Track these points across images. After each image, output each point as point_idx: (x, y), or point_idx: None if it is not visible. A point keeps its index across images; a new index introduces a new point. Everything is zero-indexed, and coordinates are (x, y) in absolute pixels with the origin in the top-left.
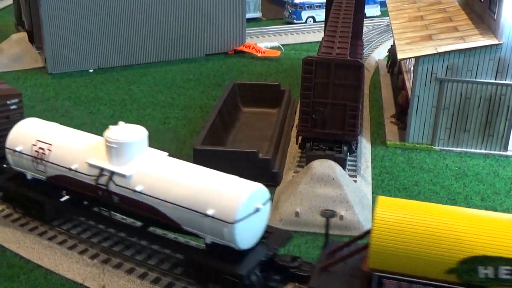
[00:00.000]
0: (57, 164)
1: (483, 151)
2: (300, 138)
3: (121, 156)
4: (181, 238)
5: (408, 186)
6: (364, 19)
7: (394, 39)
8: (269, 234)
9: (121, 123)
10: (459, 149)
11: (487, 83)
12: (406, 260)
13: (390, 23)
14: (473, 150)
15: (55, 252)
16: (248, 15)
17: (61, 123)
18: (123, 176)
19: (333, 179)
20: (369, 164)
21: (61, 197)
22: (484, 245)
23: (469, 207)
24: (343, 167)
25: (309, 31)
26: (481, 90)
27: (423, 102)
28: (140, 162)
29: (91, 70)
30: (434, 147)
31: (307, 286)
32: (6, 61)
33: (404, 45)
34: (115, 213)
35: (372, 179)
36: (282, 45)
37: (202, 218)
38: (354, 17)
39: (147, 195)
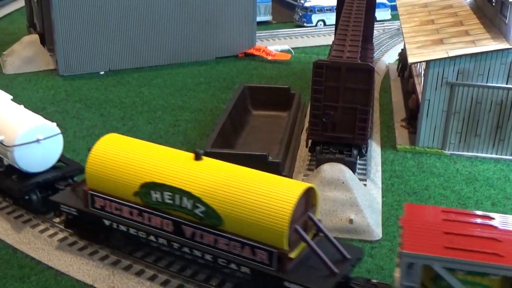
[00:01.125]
0: None
1: (494, 155)
2: (310, 141)
3: None
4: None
5: (418, 190)
6: (375, 23)
7: (404, 42)
8: (66, 165)
9: None
10: (469, 153)
11: (498, 88)
12: (109, 183)
13: (401, 27)
14: (483, 155)
15: (65, 253)
16: (259, 18)
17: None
18: None
19: (343, 182)
20: (379, 168)
21: None
22: (154, 173)
23: None
24: (353, 170)
25: (319, 34)
26: (492, 94)
27: (433, 106)
28: None
29: (102, 73)
30: (444, 152)
31: None
32: (18, 62)
33: (414, 49)
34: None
35: (382, 183)
36: (292, 48)
37: None
38: (364, 21)
39: None
